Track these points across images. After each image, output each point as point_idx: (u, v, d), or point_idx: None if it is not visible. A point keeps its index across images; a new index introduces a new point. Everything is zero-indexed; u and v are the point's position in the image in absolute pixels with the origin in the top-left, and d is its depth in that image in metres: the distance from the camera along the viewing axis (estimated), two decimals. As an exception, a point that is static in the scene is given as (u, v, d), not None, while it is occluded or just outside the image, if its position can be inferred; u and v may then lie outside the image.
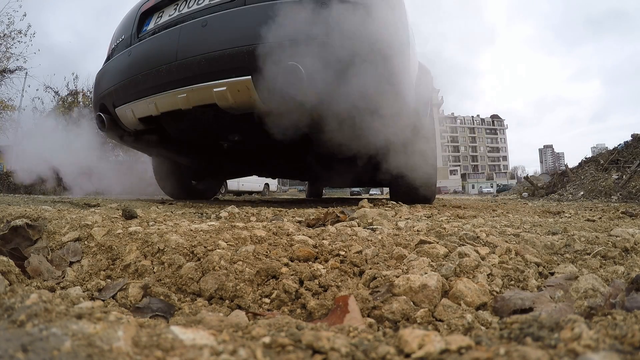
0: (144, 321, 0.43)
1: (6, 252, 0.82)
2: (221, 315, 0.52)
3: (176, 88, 2.24)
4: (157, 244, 0.85)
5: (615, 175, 6.58)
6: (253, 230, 1.00)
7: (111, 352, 0.32)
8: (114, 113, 2.73)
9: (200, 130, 2.66)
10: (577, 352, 0.34)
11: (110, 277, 0.80)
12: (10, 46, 10.74)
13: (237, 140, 2.74)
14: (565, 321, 0.39)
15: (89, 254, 0.90)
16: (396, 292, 0.63)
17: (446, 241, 0.93)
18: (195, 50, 2.14)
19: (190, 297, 0.69)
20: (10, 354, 0.29)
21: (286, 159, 3.45)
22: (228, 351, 0.34)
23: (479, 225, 1.32)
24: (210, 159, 3.41)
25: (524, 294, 0.61)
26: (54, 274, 0.81)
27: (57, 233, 0.98)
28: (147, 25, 2.64)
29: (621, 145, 7.87)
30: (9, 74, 11.00)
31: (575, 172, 7.93)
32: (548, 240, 0.96)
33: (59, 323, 0.34)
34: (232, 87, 2.07)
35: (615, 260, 0.84)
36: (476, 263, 0.75)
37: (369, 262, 0.80)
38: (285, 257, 0.81)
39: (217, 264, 0.73)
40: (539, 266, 0.81)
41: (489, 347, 0.36)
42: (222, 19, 2.12)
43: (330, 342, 0.36)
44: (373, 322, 0.53)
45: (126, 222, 1.18)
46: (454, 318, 0.55)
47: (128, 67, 2.53)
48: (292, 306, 0.65)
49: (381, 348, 0.36)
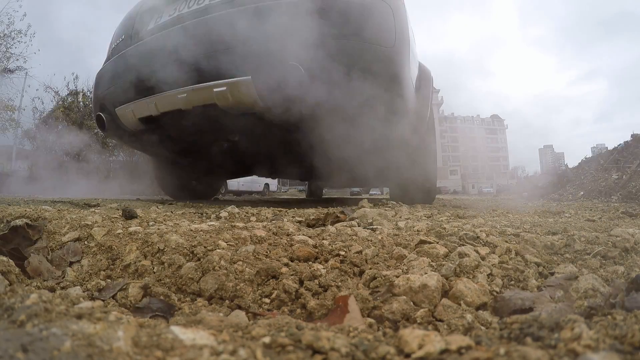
0: (144, 321, 0.43)
1: (6, 252, 0.82)
2: (221, 315, 0.52)
3: (176, 88, 2.24)
4: (157, 244, 0.85)
5: (615, 175, 6.58)
6: (253, 230, 1.00)
7: (111, 352, 0.32)
8: (114, 113, 2.73)
9: (200, 130, 2.66)
10: (577, 352, 0.34)
11: (110, 277, 0.80)
12: (10, 46, 10.74)
13: (237, 140, 2.74)
14: (565, 321, 0.39)
15: (89, 254, 0.90)
16: (396, 292, 0.63)
17: (446, 241, 0.93)
18: (195, 50, 2.14)
19: (190, 297, 0.69)
20: (10, 354, 0.29)
21: (286, 159, 3.45)
22: (228, 351, 0.34)
23: (479, 225, 1.31)
24: (210, 158, 3.41)
25: (524, 294, 0.61)
26: (54, 274, 0.81)
27: (57, 233, 0.98)
28: (147, 25, 2.64)
29: (621, 145, 7.86)
30: (9, 74, 11.00)
31: (575, 172, 7.93)
32: (548, 240, 0.96)
33: (59, 323, 0.34)
34: (232, 87, 2.07)
35: (615, 260, 0.84)
36: (476, 263, 0.75)
37: (369, 262, 0.80)
38: (285, 257, 0.81)
39: (217, 264, 0.73)
40: (539, 266, 0.81)
41: (489, 347, 0.36)
42: (222, 19, 2.12)
43: (330, 342, 0.36)
44: (373, 322, 0.53)
45: (126, 222, 1.18)
46: (454, 318, 0.55)
47: (128, 67, 2.53)
48: (292, 306, 0.65)
49: (381, 348, 0.36)
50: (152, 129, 2.72)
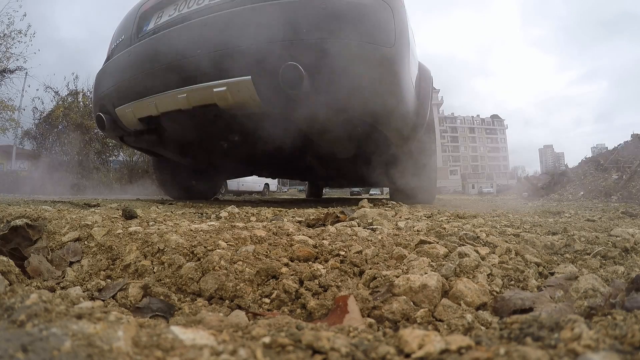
0: (144, 321, 0.43)
1: (6, 252, 0.82)
2: (221, 315, 0.52)
3: (176, 88, 2.24)
4: (157, 244, 0.85)
5: (615, 175, 6.58)
6: (253, 230, 1.00)
7: (111, 352, 0.32)
8: (114, 113, 2.73)
9: (200, 130, 2.66)
10: (577, 352, 0.34)
11: (110, 277, 0.80)
12: (10, 46, 10.74)
13: (236, 140, 2.74)
14: (565, 321, 0.39)
15: (89, 254, 0.90)
16: (396, 292, 0.63)
17: (446, 241, 0.93)
18: (195, 50, 2.14)
19: (190, 297, 0.69)
20: (10, 354, 0.29)
21: (286, 159, 3.45)
22: (228, 351, 0.34)
23: (479, 225, 1.32)
24: (210, 159, 3.41)
25: (524, 294, 0.61)
26: (54, 274, 0.81)
27: (57, 233, 0.98)
28: (147, 25, 2.64)
29: (621, 145, 7.86)
30: (9, 74, 11.00)
31: (575, 172, 7.93)
32: (548, 240, 0.96)
33: (59, 323, 0.34)
34: (232, 87, 2.07)
35: (615, 260, 0.84)
36: (476, 263, 0.75)
37: (369, 262, 0.80)
38: (285, 257, 0.81)
39: (217, 264, 0.73)
40: (539, 266, 0.81)
41: (489, 347, 0.36)
42: (222, 19, 2.12)
43: (330, 342, 0.36)
44: (373, 322, 0.53)
45: (126, 222, 1.18)
46: (454, 318, 0.55)
47: (128, 67, 2.53)
48: (292, 306, 0.65)
49: (381, 348, 0.36)
50: (152, 129, 2.72)
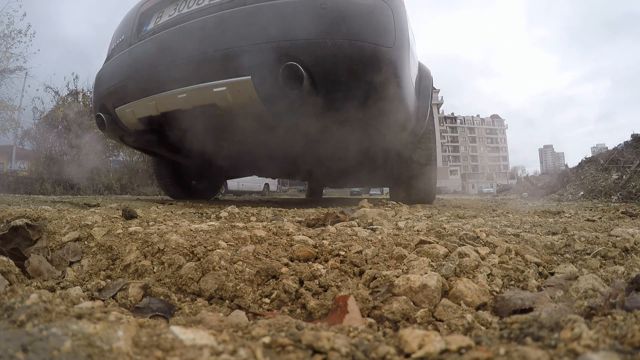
0: (144, 321, 0.43)
1: (6, 252, 0.82)
2: (221, 315, 0.52)
3: (176, 88, 2.24)
4: (157, 244, 0.85)
5: (615, 175, 6.58)
6: (253, 230, 1.00)
7: (111, 352, 0.32)
8: (114, 113, 2.73)
9: (200, 130, 2.66)
10: (577, 352, 0.34)
11: (110, 277, 0.80)
12: (10, 46, 10.73)
13: (236, 140, 2.74)
14: (565, 321, 0.39)
15: (89, 254, 0.90)
16: (396, 292, 0.63)
17: (446, 241, 0.93)
18: (195, 51, 2.14)
19: (190, 297, 0.69)
20: (10, 354, 0.29)
21: (286, 159, 3.45)
22: (228, 351, 0.34)
23: (479, 225, 1.32)
24: (210, 159, 3.41)
25: (524, 294, 0.61)
26: (54, 274, 0.81)
27: (57, 233, 0.98)
28: (147, 25, 2.64)
29: (621, 145, 7.86)
30: (9, 74, 10.99)
31: (575, 172, 7.93)
32: (548, 240, 0.96)
33: (59, 323, 0.34)
34: (232, 87, 2.07)
35: (615, 260, 0.84)
36: (476, 263, 0.75)
37: (369, 262, 0.80)
38: (285, 257, 0.81)
39: (217, 264, 0.73)
40: (539, 266, 0.81)
41: (489, 347, 0.36)
42: (222, 19, 2.12)
43: (330, 342, 0.36)
44: (373, 322, 0.53)
45: (126, 222, 1.18)
46: (454, 318, 0.55)
47: (128, 67, 2.53)
48: (292, 306, 0.65)
49: (381, 348, 0.36)
50: (152, 129, 2.72)
